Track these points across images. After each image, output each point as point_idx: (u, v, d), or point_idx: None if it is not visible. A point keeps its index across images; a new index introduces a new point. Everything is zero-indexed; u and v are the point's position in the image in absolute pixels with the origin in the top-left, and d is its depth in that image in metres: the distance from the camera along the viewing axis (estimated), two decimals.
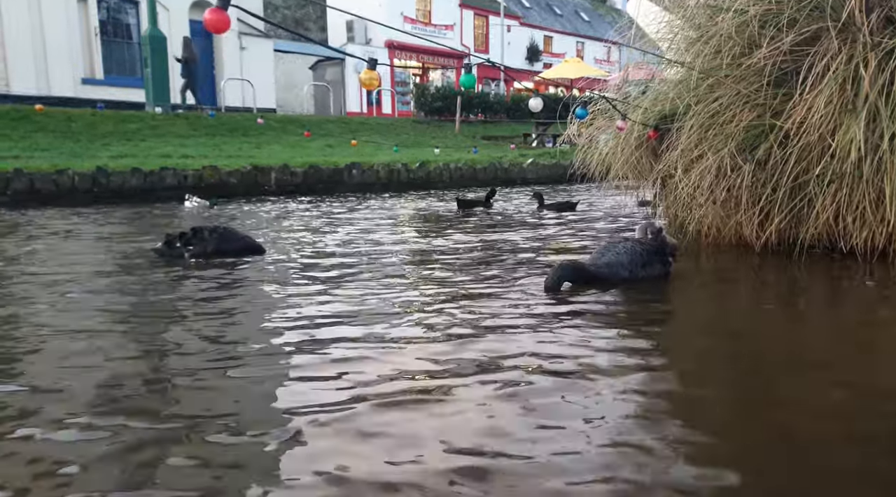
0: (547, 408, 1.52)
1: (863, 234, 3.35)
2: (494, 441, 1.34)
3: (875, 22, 3.33)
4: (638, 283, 2.87)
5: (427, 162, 11.21)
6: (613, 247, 2.96)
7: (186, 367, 1.84)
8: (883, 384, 1.77)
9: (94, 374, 1.77)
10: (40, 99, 14.72)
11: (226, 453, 1.31)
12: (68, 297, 2.71)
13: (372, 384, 1.67)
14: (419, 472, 1.22)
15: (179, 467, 1.25)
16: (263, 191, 9.08)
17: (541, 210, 6.51)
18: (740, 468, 1.25)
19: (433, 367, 1.81)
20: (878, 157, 3.23)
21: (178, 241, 3.57)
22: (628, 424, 1.44)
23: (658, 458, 1.28)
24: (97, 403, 1.55)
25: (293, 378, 1.74)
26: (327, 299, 2.63)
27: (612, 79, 6.34)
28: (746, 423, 1.50)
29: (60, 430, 1.40)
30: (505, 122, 23.41)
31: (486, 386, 1.65)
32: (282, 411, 1.51)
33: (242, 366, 1.84)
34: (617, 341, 2.08)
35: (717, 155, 3.75)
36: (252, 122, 14.51)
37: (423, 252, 4.00)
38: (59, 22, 16.45)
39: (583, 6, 41.21)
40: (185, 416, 1.48)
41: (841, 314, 2.67)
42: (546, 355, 1.90)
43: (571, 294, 2.71)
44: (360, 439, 1.36)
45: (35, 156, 9.18)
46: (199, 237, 3.54)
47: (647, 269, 2.93)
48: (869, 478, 1.24)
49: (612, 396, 1.60)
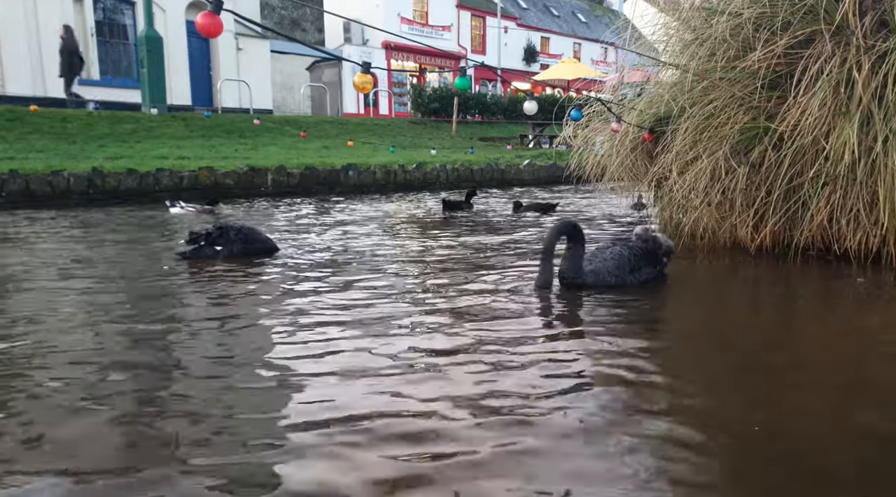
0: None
1: (856, 237, 3.36)
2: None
3: (868, 25, 3.34)
4: (630, 286, 2.87)
5: (424, 163, 11.21)
6: (601, 252, 2.94)
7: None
8: (874, 384, 1.77)
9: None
10: (35, 100, 14.68)
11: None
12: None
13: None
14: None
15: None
16: (260, 192, 9.06)
17: (518, 212, 6.46)
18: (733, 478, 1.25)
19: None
20: (871, 160, 3.24)
21: (203, 239, 3.59)
22: (613, 428, 1.44)
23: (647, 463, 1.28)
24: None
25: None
26: (336, 301, 2.63)
27: (609, 80, 6.34)
28: (735, 425, 1.50)
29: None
30: (502, 123, 23.42)
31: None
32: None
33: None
34: (608, 345, 2.08)
35: (712, 157, 3.76)
36: (248, 124, 14.50)
37: (415, 253, 4.00)
38: (55, 22, 16.41)
39: (580, 7, 41.28)
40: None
41: (834, 318, 2.67)
42: (549, 360, 1.91)
43: (563, 296, 2.72)
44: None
45: (30, 157, 9.15)
46: (225, 237, 3.58)
47: (636, 274, 2.90)
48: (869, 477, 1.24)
49: (599, 402, 1.60)
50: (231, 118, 15.34)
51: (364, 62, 2.18)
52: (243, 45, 20.41)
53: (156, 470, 1.26)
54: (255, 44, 20.86)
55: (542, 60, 35.24)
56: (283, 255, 3.80)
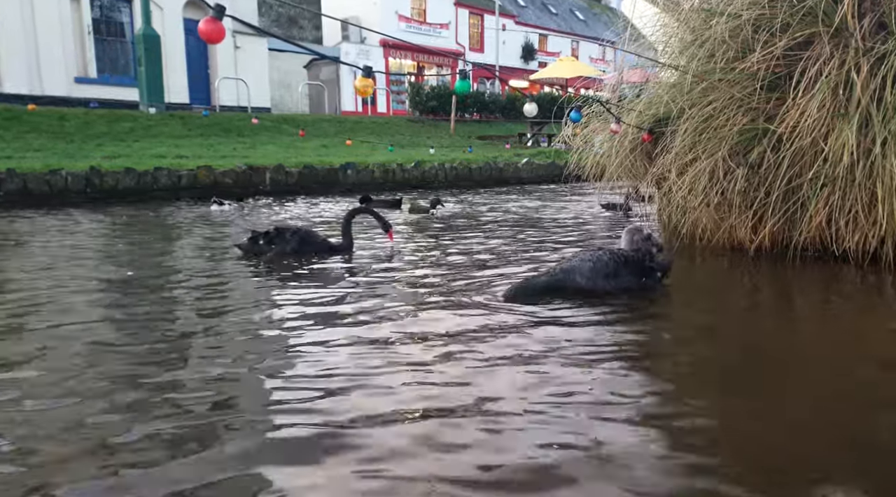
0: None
1: (855, 238, 3.37)
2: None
3: (867, 27, 3.35)
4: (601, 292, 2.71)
5: (422, 162, 11.21)
6: (583, 254, 2.81)
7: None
8: (872, 384, 1.79)
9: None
10: (32, 98, 14.64)
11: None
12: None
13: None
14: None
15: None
16: (258, 191, 9.06)
17: (434, 209, 6.27)
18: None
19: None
20: (870, 162, 3.25)
21: (261, 238, 3.82)
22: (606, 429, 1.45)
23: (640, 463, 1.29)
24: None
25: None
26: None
27: (608, 79, 6.34)
28: (720, 424, 1.51)
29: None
30: (500, 121, 23.42)
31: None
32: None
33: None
34: (602, 345, 2.09)
35: (711, 158, 3.77)
36: (247, 122, 14.47)
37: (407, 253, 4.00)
38: (52, 20, 16.35)
39: (578, 5, 41.23)
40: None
41: (833, 318, 2.68)
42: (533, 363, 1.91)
43: (552, 299, 2.68)
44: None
45: (27, 156, 9.13)
46: (281, 237, 3.80)
47: (611, 280, 2.71)
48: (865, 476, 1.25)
49: (586, 398, 1.61)
50: (229, 117, 15.31)
51: (365, 66, 2.18)
52: (241, 43, 20.33)
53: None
54: (253, 42, 20.78)
55: (540, 58, 35.20)
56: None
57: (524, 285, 2.70)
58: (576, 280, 2.68)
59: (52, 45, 16.40)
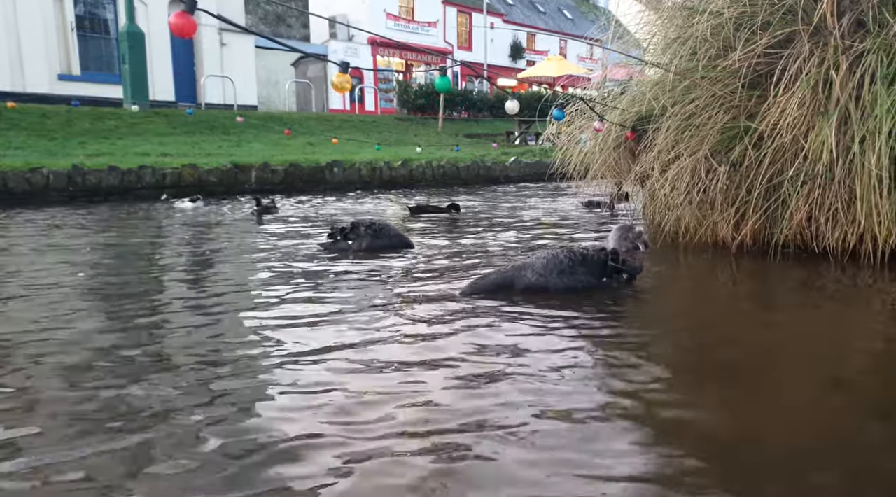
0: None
1: (835, 235, 3.40)
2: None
3: (846, 26, 3.38)
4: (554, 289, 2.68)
5: (409, 160, 11.18)
6: (542, 251, 2.80)
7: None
8: (850, 377, 1.80)
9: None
10: (14, 95, 14.43)
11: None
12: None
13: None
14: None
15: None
16: (243, 189, 8.99)
17: (415, 214, 6.13)
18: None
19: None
20: (849, 159, 3.28)
21: (339, 234, 3.91)
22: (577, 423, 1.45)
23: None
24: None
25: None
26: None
27: (595, 77, 6.36)
28: (709, 425, 1.52)
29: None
30: (488, 119, 23.42)
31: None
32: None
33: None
34: (579, 339, 2.09)
35: (693, 156, 3.78)
36: (232, 120, 14.36)
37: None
38: (34, 16, 16.12)
39: (566, 4, 41.31)
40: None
41: (812, 313, 2.70)
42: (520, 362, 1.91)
43: (538, 296, 2.70)
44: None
45: (8, 154, 8.99)
46: (355, 232, 3.88)
47: (566, 277, 2.67)
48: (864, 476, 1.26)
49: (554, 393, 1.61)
50: (214, 114, 15.18)
51: (342, 62, 2.16)
52: (227, 40, 20.17)
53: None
54: (240, 39, 20.63)
55: (528, 57, 35.25)
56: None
57: (477, 282, 2.71)
58: (526, 276, 2.66)
59: (34, 41, 16.16)
